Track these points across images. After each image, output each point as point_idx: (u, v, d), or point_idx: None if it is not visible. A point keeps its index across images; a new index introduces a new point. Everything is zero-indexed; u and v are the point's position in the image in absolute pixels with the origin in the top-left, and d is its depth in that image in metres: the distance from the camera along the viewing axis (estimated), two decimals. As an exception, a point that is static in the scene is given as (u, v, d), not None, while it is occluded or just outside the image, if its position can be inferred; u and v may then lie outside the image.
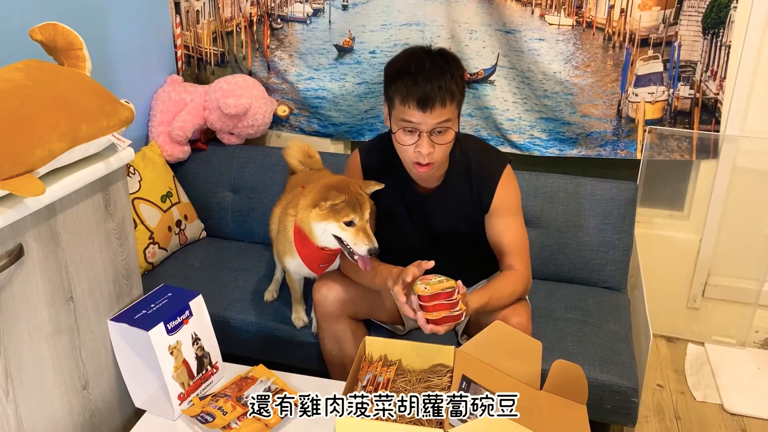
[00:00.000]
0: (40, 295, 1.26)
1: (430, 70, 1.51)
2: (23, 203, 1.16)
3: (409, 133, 1.55)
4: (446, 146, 1.56)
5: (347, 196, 1.58)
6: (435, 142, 1.54)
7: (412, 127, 1.53)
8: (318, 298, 1.74)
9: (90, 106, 1.31)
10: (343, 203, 1.58)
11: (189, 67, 2.64)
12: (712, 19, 2.11)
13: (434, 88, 1.49)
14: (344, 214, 1.58)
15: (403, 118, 1.53)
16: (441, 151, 1.56)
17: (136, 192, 2.19)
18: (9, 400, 1.22)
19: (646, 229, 2.41)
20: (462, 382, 1.37)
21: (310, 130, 2.58)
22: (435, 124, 1.51)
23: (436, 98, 1.49)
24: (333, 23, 2.42)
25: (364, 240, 1.59)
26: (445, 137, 1.55)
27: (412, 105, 1.50)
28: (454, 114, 1.55)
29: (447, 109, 1.51)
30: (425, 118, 1.51)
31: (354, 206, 1.59)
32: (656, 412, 2.16)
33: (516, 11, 2.22)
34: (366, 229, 1.60)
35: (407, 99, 1.51)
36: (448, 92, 1.50)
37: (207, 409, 1.44)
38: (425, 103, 1.49)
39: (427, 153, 1.53)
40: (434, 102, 1.49)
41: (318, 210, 1.61)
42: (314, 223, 1.63)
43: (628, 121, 2.27)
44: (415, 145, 1.55)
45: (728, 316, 2.45)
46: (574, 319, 1.95)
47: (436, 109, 1.49)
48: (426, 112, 1.50)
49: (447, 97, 1.50)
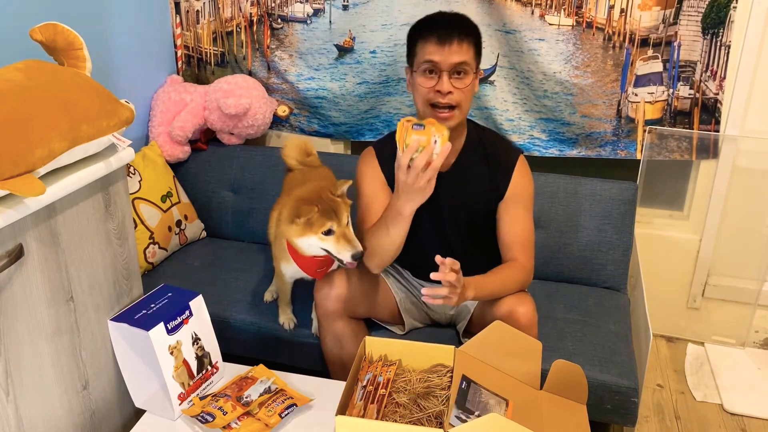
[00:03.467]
0: (40, 295, 1.26)
1: (449, 16, 1.64)
2: (23, 203, 1.16)
3: (430, 75, 1.60)
4: (466, 90, 1.60)
5: (319, 206, 1.57)
6: (454, 85, 1.58)
7: (432, 66, 1.59)
8: (319, 297, 1.74)
9: (90, 106, 1.31)
10: (317, 214, 1.57)
11: (189, 67, 2.64)
12: (711, 19, 2.12)
13: (453, 27, 1.59)
14: (320, 224, 1.57)
15: (424, 59, 1.60)
16: (461, 95, 1.60)
17: (136, 192, 2.19)
18: (9, 400, 1.22)
19: (646, 229, 2.41)
20: (462, 382, 1.37)
21: (310, 130, 2.58)
22: (454, 64, 1.57)
23: (454, 35, 1.57)
24: (333, 23, 2.42)
25: (346, 246, 1.58)
26: (464, 81, 1.60)
27: (432, 41, 1.58)
28: (472, 59, 1.61)
29: (465, 49, 1.58)
30: (444, 54, 1.57)
31: (329, 214, 1.57)
32: (656, 412, 2.16)
33: (516, 11, 2.22)
34: (346, 234, 1.59)
35: (428, 38, 1.59)
36: (465, 33, 1.58)
37: (207, 409, 1.44)
38: (444, 38, 1.56)
39: (447, 91, 1.58)
40: (452, 38, 1.56)
41: (295, 226, 1.60)
42: (296, 239, 1.62)
43: (628, 121, 2.27)
44: (435, 86, 1.59)
45: (728, 316, 2.45)
46: (574, 319, 1.95)
47: (454, 44, 1.56)
48: (445, 47, 1.56)
49: (464, 36, 1.58)
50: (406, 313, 1.87)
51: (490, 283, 1.62)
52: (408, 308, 1.87)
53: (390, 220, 1.56)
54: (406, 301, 1.87)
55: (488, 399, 1.36)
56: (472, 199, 1.73)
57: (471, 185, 1.72)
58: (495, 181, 1.71)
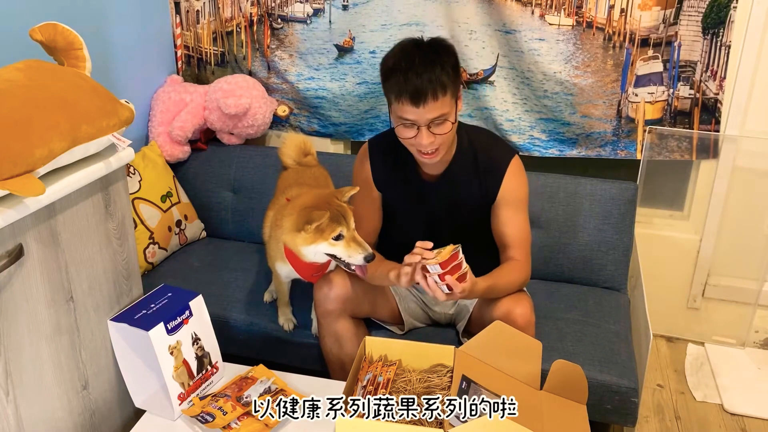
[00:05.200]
0: (40, 295, 1.26)
1: (420, 65, 1.52)
2: (23, 203, 1.16)
3: (408, 128, 1.57)
4: (446, 135, 1.59)
5: (329, 212, 1.57)
6: (434, 133, 1.56)
7: (409, 122, 1.56)
8: (319, 297, 1.74)
9: (90, 106, 1.31)
10: (328, 220, 1.56)
11: (189, 67, 2.64)
12: (712, 19, 2.11)
13: (425, 83, 1.50)
14: (331, 230, 1.57)
15: (400, 114, 1.56)
16: (442, 140, 1.59)
17: (136, 192, 2.19)
18: (9, 400, 1.22)
19: (646, 229, 2.41)
20: (462, 382, 1.37)
21: (310, 129, 2.58)
22: (431, 119, 1.54)
23: (428, 92, 1.50)
24: (333, 23, 2.42)
25: (357, 249, 1.58)
26: (443, 128, 1.57)
27: (406, 101, 1.53)
28: (451, 105, 1.56)
29: (440, 102, 1.52)
30: (420, 113, 1.53)
31: (338, 219, 1.58)
32: (656, 412, 2.16)
33: (516, 11, 2.22)
34: (356, 237, 1.59)
35: (400, 96, 1.53)
36: (440, 85, 1.51)
37: (207, 409, 1.44)
38: (418, 98, 1.51)
39: (428, 143, 1.57)
40: (426, 96, 1.51)
41: (304, 234, 1.59)
42: (303, 248, 1.61)
43: (628, 122, 2.27)
44: (415, 137, 1.57)
45: (728, 316, 2.44)
46: (574, 319, 1.95)
47: (429, 103, 1.51)
48: (419, 107, 1.52)
49: (439, 90, 1.51)
50: (406, 313, 1.87)
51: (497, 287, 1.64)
52: (408, 308, 1.87)
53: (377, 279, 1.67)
54: (406, 300, 1.88)
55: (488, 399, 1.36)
56: (463, 206, 1.74)
57: (461, 193, 1.73)
58: (485, 186, 1.71)
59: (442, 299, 1.52)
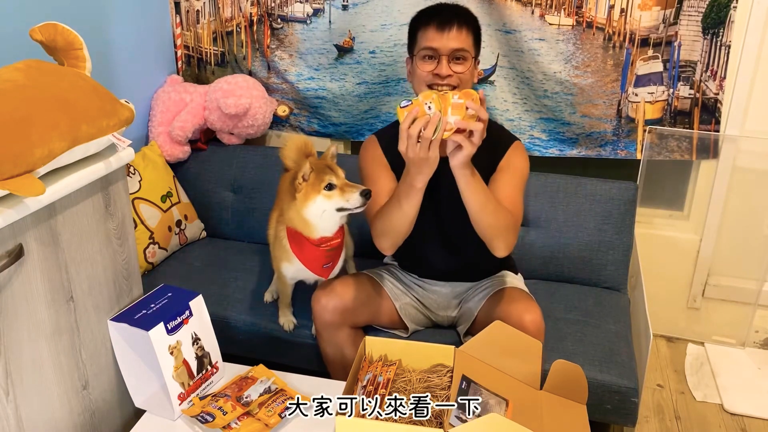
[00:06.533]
0: (40, 295, 1.26)
1: (450, 5, 1.68)
2: (23, 203, 1.16)
3: (429, 60, 1.63)
4: (464, 74, 1.63)
5: (311, 165, 1.62)
6: (453, 69, 1.61)
7: (431, 52, 1.62)
8: (317, 309, 1.74)
9: (90, 106, 1.31)
10: (312, 171, 1.62)
11: (189, 67, 2.64)
12: (712, 19, 2.11)
13: (453, 14, 1.63)
14: (320, 180, 1.61)
15: (424, 45, 1.63)
16: (459, 79, 1.62)
17: (136, 192, 2.19)
18: (9, 400, 1.22)
19: (646, 229, 2.41)
20: (462, 382, 1.37)
21: (310, 130, 2.58)
22: (452, 49, 1.61)
23: (453, 20, 1.61)
24: (333, 23, 2.42)
25: (352, 190, 1.61)
26: (463, 65, 1.63)
27: (432, 28, 1.62)
28: (471, 46, 1.64)
29: (464, 36, 1.61)
30: (443, 40, 1.60)
31: (324, 170, 1.62)
32: (656, 412, 2.16)
33: (516, 11, 2.22)
34: (348, 183, 1.64)
35: (428, 25, 1.62)
36: (465, 21, 1.62)
37: (207, 409, 1.44)
38: (443, 24, 1.60)
39: (446, 74, 1.61)
40: (452, 24, 1.60)
41: (299, 195, 1.63)
42: (305, 212, 1.64)
43: (628, 121, 2.27)
44: (434, 69, 1.62)
45: (728, 316, 2.45)
46: (574, 319, 1.95)
47: (453, 30, 1.60)
48: (444, 33, 1.60)
49: (464, 24, 1.62)
50: (408, 318, 1.86)
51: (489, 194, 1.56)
52: (408, 313, 1.87)
53: (403, 194, 1.54)
54: (408, 306, 1.87)
55: (488, 399, 1.36)
56: None
57: None
58: (490, 160, 1.71)
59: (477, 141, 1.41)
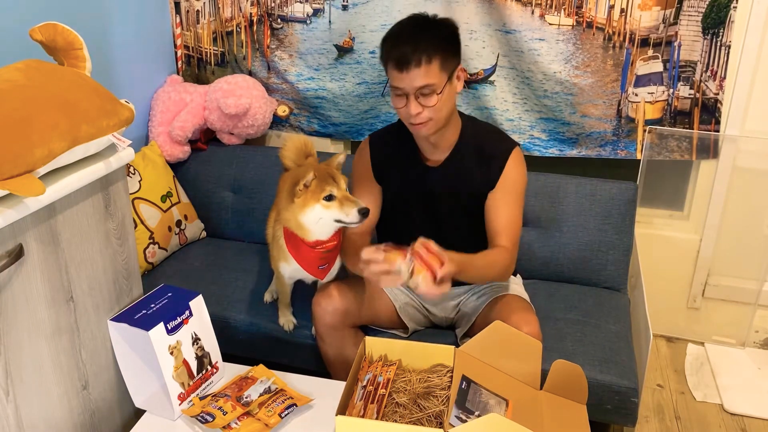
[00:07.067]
0: (40, 295, 1.26)
1: (410, 32, 1.53)
2: (23, 203, 1.16)
3: (399, 97, 1.58)
4: (434, 108, 1.56)
5: (315, 172, 1.59)
6: (422, 104, 1.55)
7: (399, 91, 1.56)
8: (318, 312, 1.74)
9: (90, 106, 1.31)
10: (314, 179, 1.59)
11: (189, 67, 2.64)
12: (712, 19, 2.11)
13: (409, 49, 1.50)
14: (320, 190, 1.58)
15: (391, 83, 1.57)
16: (430, 112, 1.57)
17: (136, 192, 2.19)
18: (9, 400, 1.22)
19: (646, 229, 2.41)
20: (462, 382, 1.37)
21: (310, 130, 2.58)
22: (417, 87, 1.53)
23: (411, 58, 1.49)
24: (333, 23, 2.42)
25: (351, 205, 1.59)
26: (431, 99, 1.55)
27: (393, 67, 1.53)
28: (439, 76, 1.53)
29: (425, 69, 1.51)
30: (405, 80, 1.53)
31: (326, 180, 1.59)
32: (656, 412, 2.16)
33: (516, 11, 2.22)
34: (348, 196, 1.61)
35: (388, 61, 1.54)
36: (425, 52, 1.49)
37: (207, 409, 1.44)
38: (401, 64, 1.51)
39: (416, 113, 1.56)
40: (409, 62, 1.50)
41: (297, 200, 1.60)
42: (301, 217, 1.62)
43: (628, 121, 2.27)
44: (404, 107, 1.57)
45: (728, 316, 2.45)
46: (574, 319, 1.95)
47: (412, 69, 1.51)
48: (403, 73, 1.52)
49: (424, 57, 1.49)
50: (407, 318, 1.86)
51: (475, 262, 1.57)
52: (408, 312, 1.87)
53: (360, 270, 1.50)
54: (407, 306, 1.87)
55: (488, 399, 1.36)
56: (465, 191, 1.72)
57: (463, 178, 1.72)
58: (488, 172, 1.69)
59: (437, 292, 1.40)
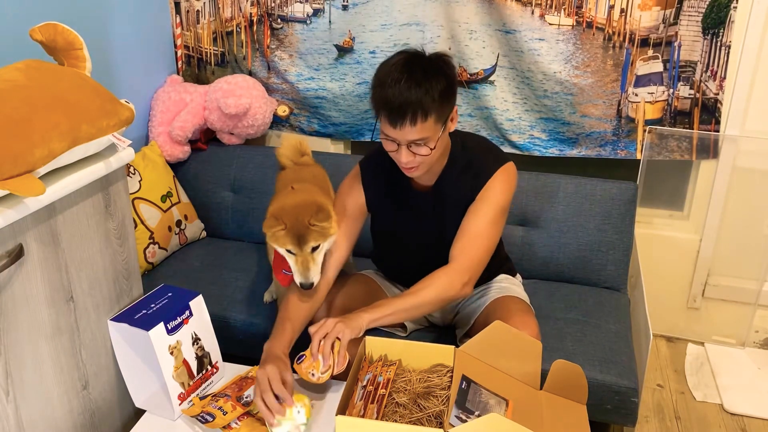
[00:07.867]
0: (40, 295, 1.26)
1: (404, 85, 1.45)
2: (23, 203, 1.16)
3: (390, 143, 1.53)
4: (426, 157, 1.53)
5: (287, 225, 1.52)
6: (414, 152, 1.52)
7: (390, 138, 1.52)
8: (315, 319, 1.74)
9: (90, 106, 1.31)
10: (282, 231, 1.52)
11: (189, 67, 2.64)
12: (712, 19, 2.11)
13: (403, 106, 1.44)
14: (282, 242, 1.53)
15: (381, 129, 1.53)
16: (422, 159, 1.54)
17: (136, 192, 2.19)
18: (9, 400, 1.22)
19: (646, 229, 2.41)
20: (462, 382, 1.37)
21: (310, 130, 2.58)
22: (409, 140, 1.49)
23: (406, 116, 1.45)
24: (333, 23, 2.42)
25: (301, 272, 1.54)
26: (422, 150, 1.51)
27: (384, 118, 1.49)
28: (434, 129, 1.49)
29: (419, 126, 1.46)
30: (397, 133, 1.48)
31: (293, 237, 1.52)
32: (656, 412, 2.16)
33: (516, 11, 2.22)
34: (305, 262, 1.54)
35: (380, 112, 1.49)
36: (421, 110, 1.45)
37: (207, 409, 1.44)
38: (395, 120, 1.46)
39: (406, 162, 1.53)
40: (404, 120, 1.45)
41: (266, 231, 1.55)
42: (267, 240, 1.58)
43: (628, 121, 2.27)
44: (395, 152, 1.54)
45: (728, 316, 2.45)
46: (574, 319, 1.95)
47: (406, 126, 1.46)
48: (396, 128, 1.47)
49: (419, 115, 1.45)
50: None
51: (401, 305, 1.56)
52: None
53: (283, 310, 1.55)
54: None
55: (488, 399, 1.36)
56: (453, 213, 1.68)
57: (451, 200, 1.68)
58: (473, 188, 1.65)
59: None
